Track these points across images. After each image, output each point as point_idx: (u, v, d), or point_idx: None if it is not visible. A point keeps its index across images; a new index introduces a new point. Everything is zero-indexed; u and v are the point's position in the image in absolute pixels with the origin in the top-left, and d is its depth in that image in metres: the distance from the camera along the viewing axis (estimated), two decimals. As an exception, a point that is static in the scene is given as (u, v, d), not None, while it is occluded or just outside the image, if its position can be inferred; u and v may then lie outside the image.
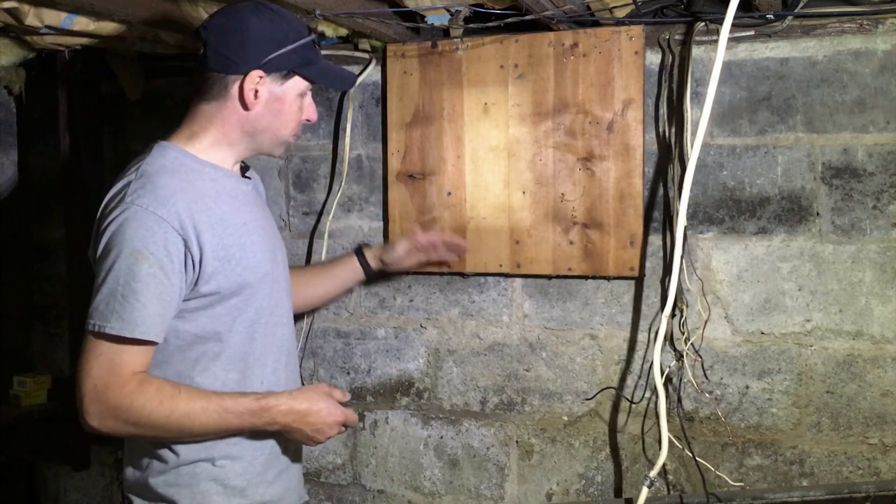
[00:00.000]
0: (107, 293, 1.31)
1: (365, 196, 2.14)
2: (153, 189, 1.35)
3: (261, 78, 1.40)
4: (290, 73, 1.43)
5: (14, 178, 2.54)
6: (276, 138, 1.47)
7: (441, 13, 1.87)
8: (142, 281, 1.30)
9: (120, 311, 1.30)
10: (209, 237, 1.37)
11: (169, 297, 1.34)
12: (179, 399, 1.33)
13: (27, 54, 2.24)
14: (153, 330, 1.32)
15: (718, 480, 1.82)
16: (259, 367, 1.48)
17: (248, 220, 1.47)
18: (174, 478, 1.43)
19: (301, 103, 1.48)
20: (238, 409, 1.36)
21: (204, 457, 1.43)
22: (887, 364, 1.74)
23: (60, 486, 2.56)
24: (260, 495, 1.49)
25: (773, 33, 1.77)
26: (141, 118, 2.39)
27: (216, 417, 1.35)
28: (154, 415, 1.31)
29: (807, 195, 1.78)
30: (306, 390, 1.45)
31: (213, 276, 1.38)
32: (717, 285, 1.84)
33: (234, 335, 1.44)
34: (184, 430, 1.35)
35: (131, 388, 1.30)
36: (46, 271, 2.52)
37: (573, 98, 1.90)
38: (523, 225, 1.95)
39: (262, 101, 1.42)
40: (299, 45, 1.42)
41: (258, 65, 1.39)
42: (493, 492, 2.06)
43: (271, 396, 1.40)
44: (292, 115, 1.46)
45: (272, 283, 1.50)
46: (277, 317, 1.52)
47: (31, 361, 2.53)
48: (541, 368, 2.00)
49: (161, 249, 1.32)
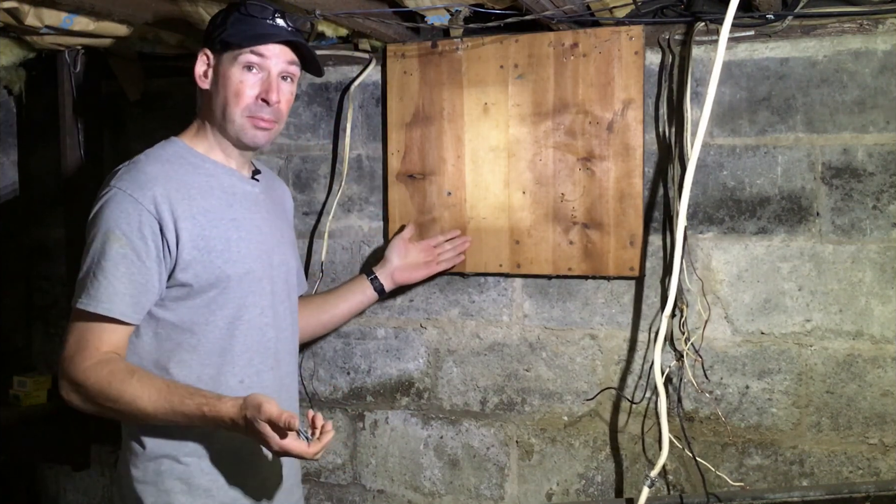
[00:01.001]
0: (84, 271, 1.37)
1: (365, 196, 2.14)
2: (135, 174, 1.40)
3: (207, 57, 1.47)
4: (225, 45, 1.45)
5: (14, 178, 2.54)
6: (229, 116, 1.46)
7: (441, 13, 1.87)
8: (112, 260, 1.34)
9: (89, 289, 1.35)
10: (188, 225, 1.39)
11: (142, 279, 1.36)
12: (128, 384, 1.32)
13: (27, 54, 2.24)
14: (119, 308, 1.34)
15: (718, 480, 1.82)
16: (239, 366, 1.47)
17: (241, 217, 1.48)
18: (141, 474, 1.44)
19: (252, 79, 1.45)
20: (184, 409, 1.32)
21: (169, 452, 1.43)
22: (887, 364, 1.74)
23: (60, 486, 2.56)
24: (230, 497, 1.47)
25: (773, 33, 1.77)
26: (141, 118, 2.39)
27: (162, 412, 1.33)
28: (104, 395, 1.33)
29: (807, 195, 1.78)
30: (247, 403, 1.28)
31: (191, 265, 1.40)
32: (717, 285, 1.84)
33: (212, 329, 1.44)
34: (133, 416, 1.35)
35: (88, 365, 1.33)
36: (46, 271, 2.52)
37: (573, 98, 1.90)
38: (523, 225, 1.95)
39: (210, 79, 1.47)
40: (232, 18, 1.45)
41: (205, 45, 1.48)
42: (493, 492, 2.06)
43: (216, 404, 1.30)
44: (234, 88, 1.44)
45: (256, 282, 1.49)
46: (266, 318, 1.52)
47: (31, 361, 2.54)
48: (541, 368, 2.00)
49: (135, 231, 1.35)
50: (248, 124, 1.46)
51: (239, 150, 1.52)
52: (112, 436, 1.59)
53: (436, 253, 1.96)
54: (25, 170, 2.53)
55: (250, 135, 1.47)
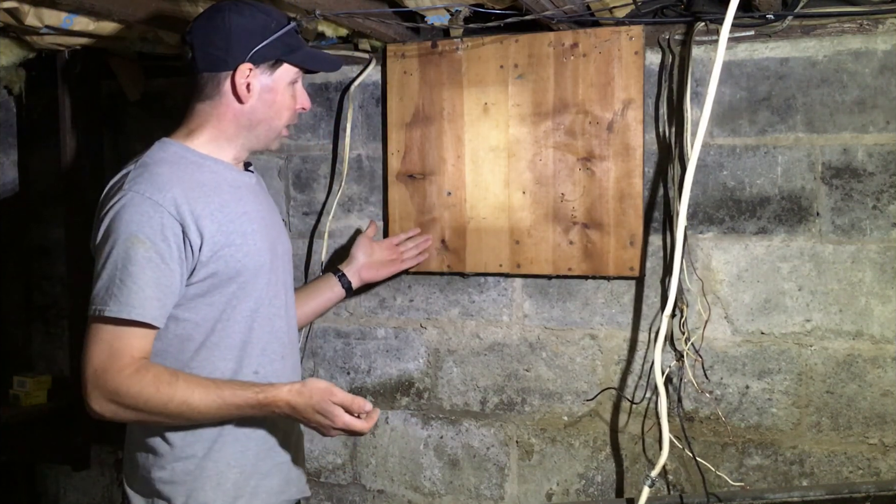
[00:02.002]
0: (106, 279, 1.34)
1: (365, 196, 2.14)
2: (150, 177, 1.38)
3: (250, 70, 1.44)
4: (278, 61, 1.46)
5: (14, 178, 2.54)
6: (272, 129, 1.50)
7: (441, 13, 1.87)
8: (138, 264, 1.33)
9: (118, 295, 1.32)
10: (209, 223, 1.39)
11: (167, 282, 1.35)
12: (177, 387, 1.33)
13: (27, 54, 2.24)
14: (150, 313, 1.33)
15: (718, 480, 1.82)
16: (256, 357, 1.48)
17: (250, 209, 1.50)
18: (168, 475, 1.44)
19: (293, 91, 1.51)
20: (237, 400, 1.35)
21: (198, 450, 1.43)
22: (887, 364, 1.74)
23: (60, 486, 2.56)
24: (253, 487, 1.48)
25: (773, 33, 1.77)
26: (141, 118, 2.39)
27: (214, 408, 1.34)
28: (152, 401, 1.32)
29: (807, 195, 1.78)
30: (310, 388, 1.37)
31: (213, 261, 1.40)
32: (717, 285, 1.84)
33: (233, 324, 1.45)
34: (182, 417, 1.36)
35: (129, 374, 1.32)
36: (46, 271, 2.52)
37: (573, 98, 1.90)
38: (523, 225, 1.95)
39: (255, 94, 1.46)
40: (283, 34, 1.46)
41: (245, 58, 1.43)
42: (493, 492, 2.06)
43: (271, 390, 1.36)
44: (285, 103, 1.50)
45: (270, 273, 1.51)
46: (276, 308, 1.53)
47: (31, 361, 2.53)
48: (541, 368, 2.00)
49: (158, 234, 1.34)
50: (283, 134, 1.54)
51: (248, 151, 1.53)
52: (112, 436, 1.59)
53: (399, 251, 1.99)
54: (25, 170, 2.53)
55: (277, 143, 1.55)
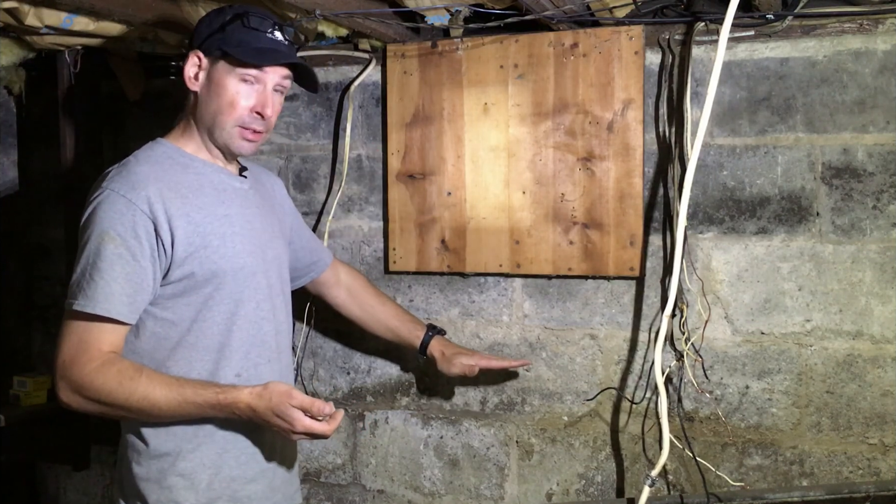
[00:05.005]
0: (79, 273, 1.37)
1: (365, 196, 2.14)
2: (127, 175, 1.41)
3: (199, 59, 1.46)
4: (224, 54, 1.43)
5: (14, 178, 2.54)
6: (219, 124, 1.46)
7: (441, 13, 1.87)
8: (108, 261, 1.35)
9: (86, 290, 1.35)
10: (183, 223, 1.40)
11: (138, 279, 1.37)
12: (139, 382, 1.34)
13: (27, 54, 2.24)
14: (117, 308, 1.35)
15: (718, 480, 1.82)
16: (237, 360, 1.48)
17: (233, 212, 1.50)
18: (145, 472, 1.45)
19: (247, 90, 1.45)
20: (197, 399, 1.35)
21: (172, 449, 1.44)
22: (887, 364, 1.74)
23: (60, 486, 2.56)
24: (233, 491, 1.48)
25: (773, 33, 1.77)
26: (141, 118, 2.39)
27: (175, 405, 1.35)
28: (113, 395, 1.34)
29: (807, 195, 1.78)
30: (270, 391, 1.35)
31: (187, 261, 1.41)
32: (717, 285, 1.84)
33: (210, 325, 1.45)
34: (143, 413, 1.37)
35: (94, 367, 1.34)
36: (46, 271, 2.52)
37: (573, 98, 1.90)
38: (523, 225, 1.95)
39: (201, 83, 1.46)
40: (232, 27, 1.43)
41: (196, 47, 1.46)
42: (493, 492, 2.06)
43: (232, 391, 1.36)
44: (229, 98, 1.44)
45: (251, 277, 1.50)
46: (263, 311, 1.53)
47: (31, 361, 2.54)
48: (541, 368, 2.00)
49: (129, 231, 1.36)
50: (238, 134, 1.47)
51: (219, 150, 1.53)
52: (112, 436, 1.59)
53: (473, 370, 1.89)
54: (25, 170, 2.53)
55: (237, 144, 1.48)
